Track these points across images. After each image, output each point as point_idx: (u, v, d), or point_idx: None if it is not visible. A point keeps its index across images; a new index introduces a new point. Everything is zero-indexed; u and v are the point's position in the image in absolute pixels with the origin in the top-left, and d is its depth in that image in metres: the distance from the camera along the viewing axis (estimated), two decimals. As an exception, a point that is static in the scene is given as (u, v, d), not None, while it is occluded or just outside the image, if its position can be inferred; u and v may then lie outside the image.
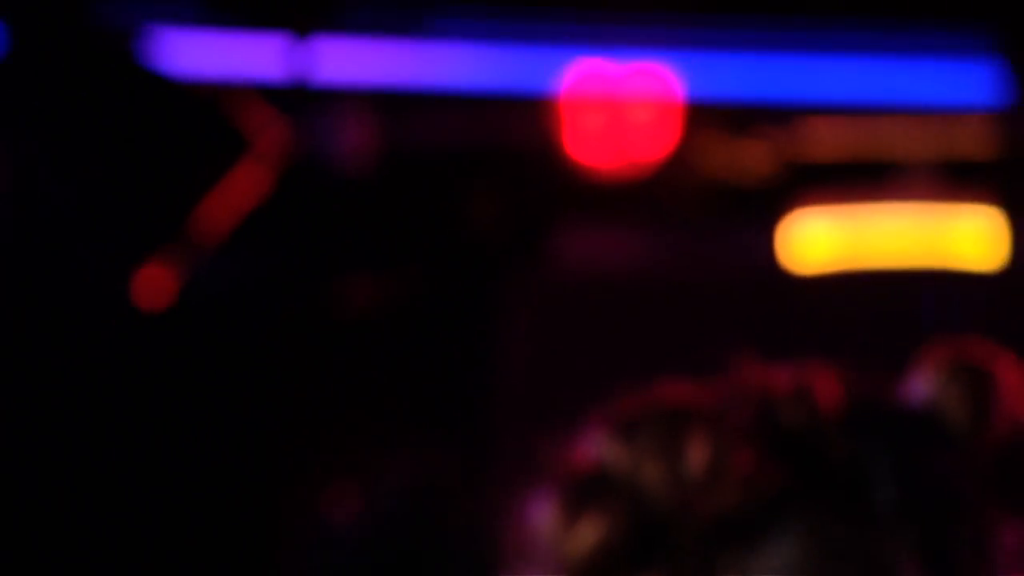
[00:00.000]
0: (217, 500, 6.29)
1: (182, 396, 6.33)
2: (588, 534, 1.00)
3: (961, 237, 5.72)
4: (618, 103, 5.49)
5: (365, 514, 5.59)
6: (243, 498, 6.23)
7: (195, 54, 5.23)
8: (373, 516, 5.61)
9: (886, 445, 1.10)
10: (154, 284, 5.28)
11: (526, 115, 5.74)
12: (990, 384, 1.10)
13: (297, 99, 5.25)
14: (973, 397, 1.09)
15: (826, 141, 5.76)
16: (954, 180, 5.66)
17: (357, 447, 5.94)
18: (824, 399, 1.06)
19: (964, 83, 5.63)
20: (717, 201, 5.73)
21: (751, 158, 5.68)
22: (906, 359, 1.09)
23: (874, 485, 1.06)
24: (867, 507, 1.06)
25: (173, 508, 6.27)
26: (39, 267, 5.82)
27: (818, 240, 5.78)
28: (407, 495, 5.51)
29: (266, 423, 6.31)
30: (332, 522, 5.80)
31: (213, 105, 5.00)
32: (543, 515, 1.00)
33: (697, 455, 1.02)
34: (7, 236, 5.93)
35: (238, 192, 5.00)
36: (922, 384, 1.09)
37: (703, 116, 5.56)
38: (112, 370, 6.26)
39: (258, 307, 6.03)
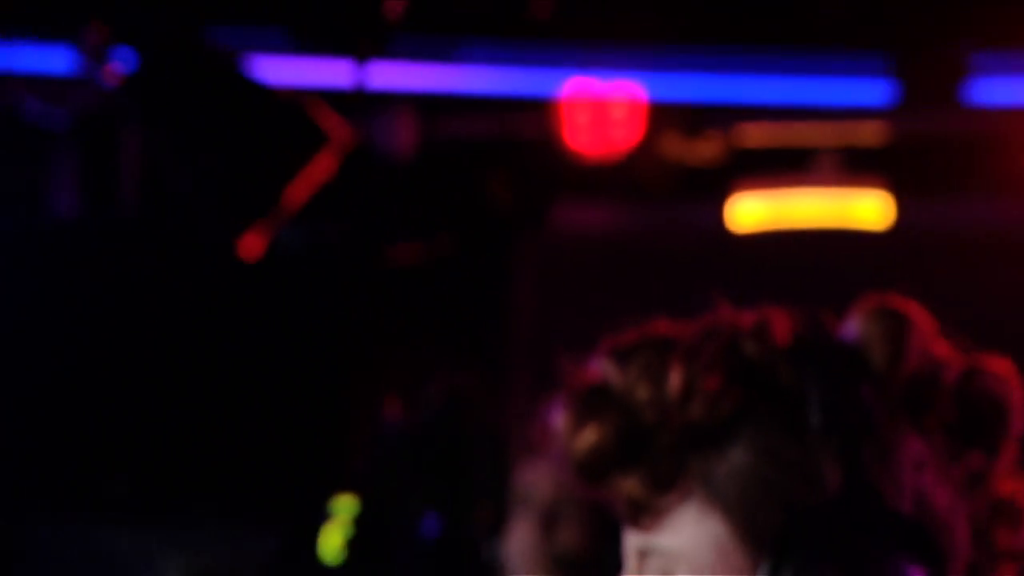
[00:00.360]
0: (303, 411, 6.53)
1: (274, 330, 6.66)
2: (589, 436, 1.33)
3: (859, 206, 5.87)
4: (600, 106, 5.60)
5: (411, 421, 5.61)
6: (322, 410, 6.51)
7: (285, 71, 5.39)
8: (418, 422, 5.69)
9: (820, 374, 1.41)
10: (253, 244, 5.35)
11: (532, 116, 5.81)
12: (906, 326, 1.40)
13: (358, 104, 5.36)
14: (891, 336, 1.40)
15: (758, 135, 5.95)
16: (853, 164, 5.86)
17: (405, 370, 6.13)
18: (777, 336, 1.40)
19: (861, 92, 5.88)
20: (677, 181, 5.87)
21: (702, 148, 5.83)
22: (822, 297, 1.44)
23: (809, 406, 1.37)
24: (803, 423, 1.37)
25: (272, 419, 6.51)
26: (169, 234, 6.21)
27: (753, 209, 5.93)
28: (443, 406, 5.46)
29: (338, 352, 6.62)
30: (387, 427, 5.97)
31: (298, 109, 5.08)
32: (557, 419, 1.36)
33: (676, 378, 1.34)
34: (146, 211, 6.20)
35: (315, 174, 5.08)
36: (851, 325, 1.42)
37: (664, 116, 5.66)
38: (224, 307, 6.60)
39: (329, 262, 6.32)
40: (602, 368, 1.40)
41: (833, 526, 1.38)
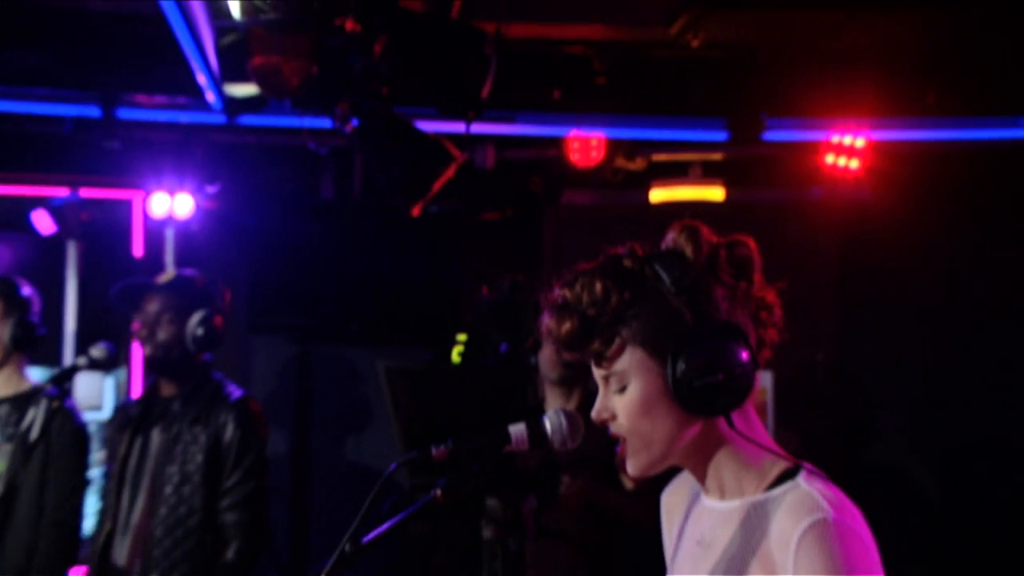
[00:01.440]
0: (443, 294, 6.83)
1: (429, 255, 6.84)
2: (562, 328, 1.86)
3: (709, 190, 6.18)
4: (584, 141, 5.97)
5: (492, 296, 5.86)
6: (451, 293, 6.88)
7: (432, 126, 5.67)
8: (495, 297, 5.83)
9: (666, 266, 1.89)
10: (417, 210, 5.67)
11: (552, 146, 6.13)
12: (696, 231, 1.92)
13: (467, 140, 5.71)
14: (690, 237, 1.92)
15: (663, 157, 6.33)
16: (707, 170, 6.27)
17: (490, 273, 6.16)
18: (645, 252, 1.89)
19: (712, 134, 6.13)
20: (624, 179, 6.28)
21: (635, 164, 6.21)
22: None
23: (663, 283, 1.87)
24: (665, 293, 1.88)
25: (428, 299, 6.75)
26: (376, 207, 6.36)
27: (661, 193, 6.24)
28: (508, 289, 5.83)
29: (458, 265, 6.81)
30: (481, 299, 6.10)
31: (440, 144, 5.45)
32: (547, 320, 1.87)
33: (597, 287, 1.85)
34: (365, 195, 6.47)
35: (446, 175, 5.45)
36: (670, 236, 1.94)
37: (616, 147, 6.09)
38: (403, 242, 6.78)
39: (453, 220, 6.48)
40: (568, 283, 1.92)
41: (693, 338, 1.86)
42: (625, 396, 1.89)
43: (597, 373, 1.93)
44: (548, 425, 1.95)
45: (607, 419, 1.92)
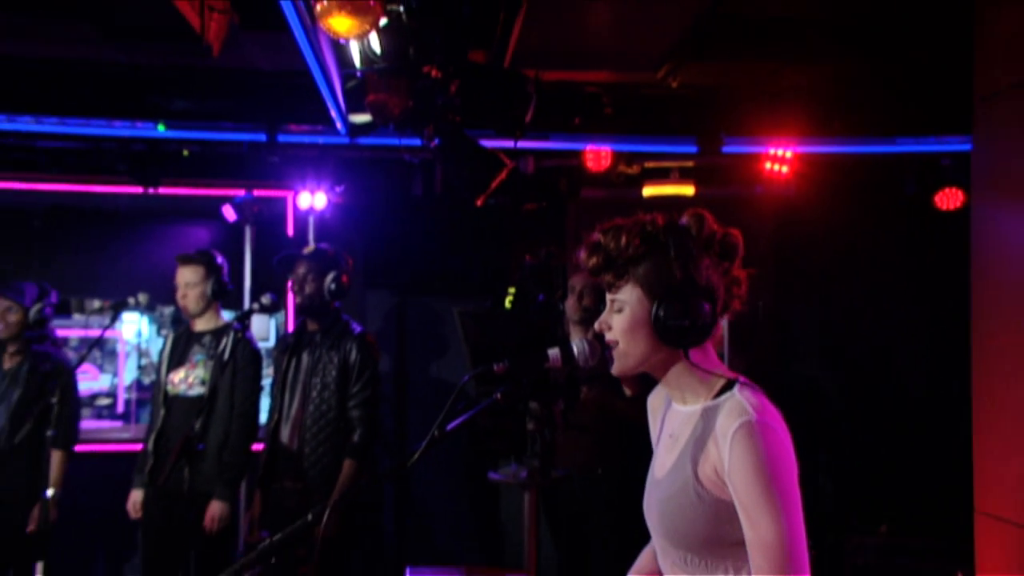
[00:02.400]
0: (497, 262, 6.59)
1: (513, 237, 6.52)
2: (592, 261, 1.92)
3: (684, 187, 5.99)
4: (596, 153, 5.82)
5: (534, 261, 5.32)
6: (504, 262, 6.61)
7: (490, 142, 5.41)
8: (536, 262, 5.31)
9: (673, 235, 1.88)
10: (483, 203, 5.48)
11: (575, 158, 5.96)
12: (702, 217, 1.92)
13: (514, 153, 5.50)
14: (697, 220, 1.91)
15: (652, 164, 6.07)
16: (683, 174, 6.02)
17: (533, 245, 5.49)
18: (659, 222, 1.90)
19: (684, 148, 5.91)
20: (624, 181, 6.08)
21: (632, 169, 6.07)
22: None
23: (669, 247, 1.86)
24: (669, 253, 1.86)
25: (485, 267, 6.55)
26: (452, 201, 6.03)
27: (652, 190, 6.04)
28: (544, 257, 5.29)
29: (513, 241, 6.48)
30: (527, 264, 5.48)
31: (496, 156, 5.29)
32: (580, 256, 1.94)
33: (622, 237, 1.87)
34: (443, 193, 6.07)
35: (500, 178, 5.29)
36: (684, 218, 1.92)
37: (619, 158, 5.92)
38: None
39: (503, 211, 5.98)
40: (597, 235, 1.92)
41: (676, 291, 1.86)
42: (620, 316, 1.92)
43: (607, 296, 1.94)
44: (575, 349, 1.97)
45: (605, 329, 1.94)
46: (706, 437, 1.84)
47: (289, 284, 4.96)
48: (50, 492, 4.52)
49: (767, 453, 1.75)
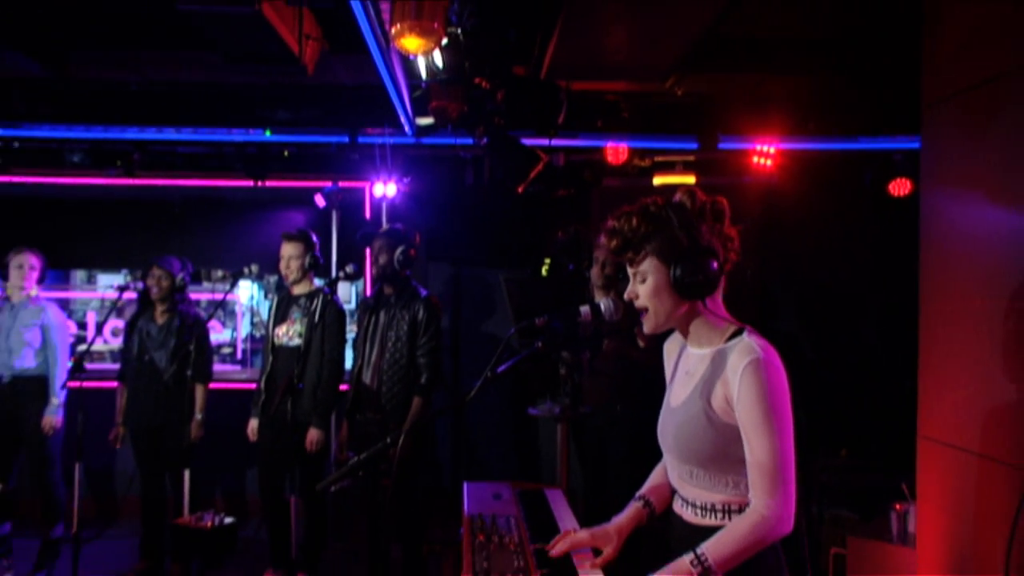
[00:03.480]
0: (530, 237, 6.31)
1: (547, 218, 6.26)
2: (611, 242, 1.88)
3: (686, 178, 5.83)
4: (615, 149, 5.65)
5: (566, 236, 5.43)
6: (540, 239, 6.25)
7: (529, 141, 5.42)
8: (567, 237, 5.46)
9: (677, 212, 1.85)
10: (524, 190, 5.64)
11: (598, 153, 5.79)
12: (695, 192, 1.88)
13: (548, 150, 5.45)
14: (690, 195, 1.87)
15: (660, 159, 5.95)
16: (686, 167, 5.91)
17: (565, 226, 5.59)
18: (661, 202, 1.87)
19: (686, 144, 5.82)
20: (638, 172, 5.90)
21: (644, 162, 5.89)
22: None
23: (672, 222, 1.83)
24: (674, 228, 1.83)
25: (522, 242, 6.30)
26: (498, 190, 5.78)
27: (660, 180, 5.93)
28: (574, 234, 5.38)
29: (550, 225, 6.05)
30: (559, 239, 5.62)
31: (533, 152, 5.31)
32: (601, 239, 1.90)
33: (634, 219, 1.85)
34: (490, 181, 5.81)
35: (536, 170, 5.39)
36: (679, 196, 1.87)
37: (634, 153, 5.77)
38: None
39: (537, 196, 5.89)
40: (611, 222, 1.89)
41: (686, 255, 1.81)
42: (645, 285, 1.90)
43: (629, 270, 1.92)
44: (603, 306, 2.00)
45: (634, 298, 1.92)
46: (719, 372, 1.82)
47: (367, 255, 5.04)
48: (197, 416, 4.76)
49: (769, 385, 1.75)
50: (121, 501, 6.03)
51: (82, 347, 4.57)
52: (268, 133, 5.69)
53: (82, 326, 7.37)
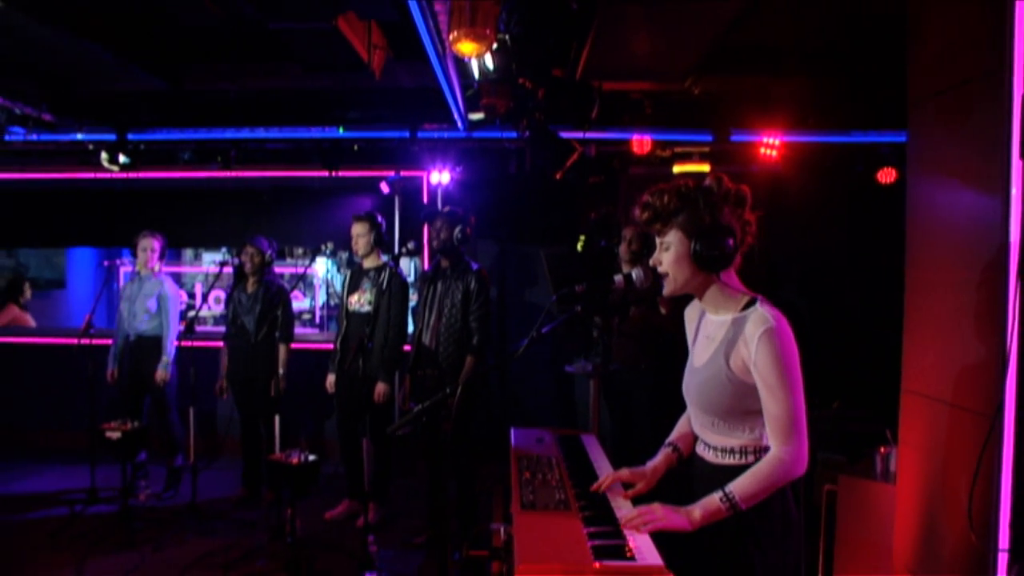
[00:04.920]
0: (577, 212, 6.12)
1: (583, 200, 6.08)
2: (642, 216, 1.85)
3: (702, 166, 5.66)
4: (640, 140, 5.49)
5: (600, 214, 5.43)
6: (575, 215, 6.11)
7: (566, 134, 5.26)
8: (600, 215, 5.44)
9: (703, 193, 1.79)
10: (571, 175, 5.43)
11: (625, 144, 5.63)
12: (719, 177, 1.82)
13: (581, 142, 5.27)
14: (717, 180, 1.82)
15: (680, 150, 5.76)
16: (702, 156, 5.69)
17: (600, 207, 5.73)
18: (692, 184, 1.82)
19: (703, 138, 5.64)
20: (659, 161, 5.69)
21: (666, 152, 5.72)
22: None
23: (699, 202, 1.79)
24: (700, 208, 1.79)
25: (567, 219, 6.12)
26: (540, 176, 5.51)
27: (680, 168, 5.62)
28: (605, 213, 5.38)
29: (583, 208, 6.03)
30: (593, 218, 5.63)
31: (568, 143, 5.14)
32: (634, 212, 1.85)
33: (666, 196, 1.81)
34: (532, 171, 5.60)
35: (571, 159, 5.21)
36: (707, 180, 1.81)
37: (657, 144, 5.60)
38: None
39: (571, 181, 5.56)
40: (646, 197, 1.85)
41: (707, 232, 1.78)
42: (668, 253, 1.86)
43: (657, 240, 1.88)
44: (634, 275, 1.95)
45: (657, 264, 1.88)
46: (736, 338, 1.79)
47: (426, 232, 5.03)
48: (280, 371, 4.85)
49: (782, 350, 1.73)
50: (224, 440, 6.20)
51: (191, 313, 4.77)
52: (341, 130, 5.68)
53: (191, 295, 7.65)
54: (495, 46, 3.52)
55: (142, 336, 5.08)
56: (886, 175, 5.57)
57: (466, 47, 3.26)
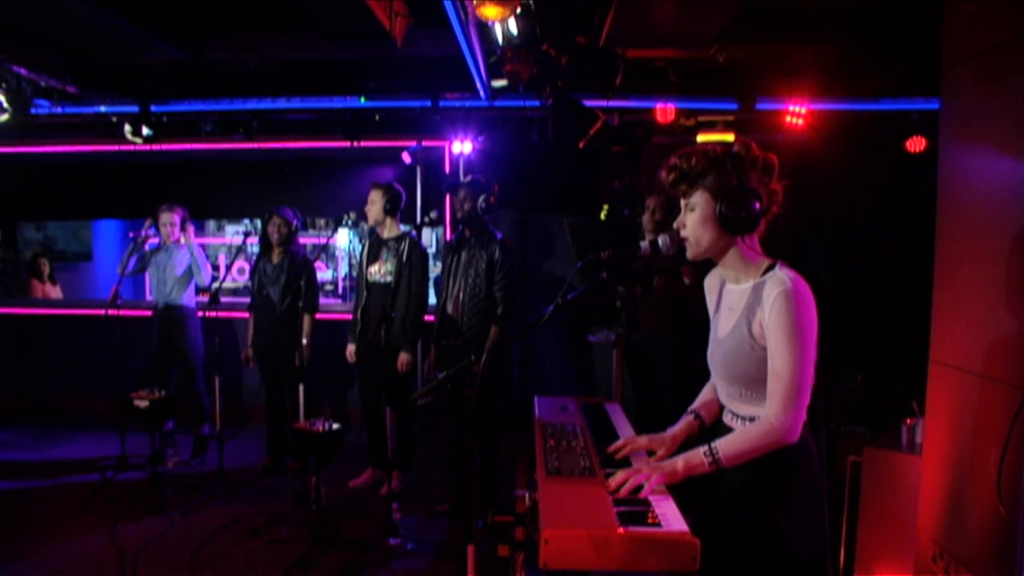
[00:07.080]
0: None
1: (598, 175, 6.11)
2: (668, 177, 1.82)
3: (727, 135, 5.51)
4: (664, 109, 5.44)
5: (622, 184, 5.51)
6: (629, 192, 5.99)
7: (591, 103, 5.32)
8: (622, 185, 5.53)
9: (731, 157, 1.78)
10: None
11: (648, 113, 5.54)
12: (746, 144, 1.79)
13: (606, 111, 5.36)
14: (744, 145, 1.80)
15: (703, 119, 5.68)
16: (726, 125, 5.64)
17: (623, 177, 5.82)
18: (721, 150, 1.79)
19: (727, 106, 5.61)
20: (683, 130, 5.64)
21: (690, 121, 5.66)
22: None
23: (727, 165, 1.78)
24: (728, 170, 1.77)
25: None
26: (563, 145, 5.64)
27: (704, 137, 5.61)
28: (629, 183, 5.48)
29: (605, 179, 6.03)
30: (616, 188, 5.74)
31: (592, 112, 5.23)
32: (660, 175, 1.82)
33: (693, 158, 1.80)
34: (555, 138, 5.69)
35: (595, 127, 5.27)
36: (734, 145, 1.81)
37: (681, 113, 5.55)
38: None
39: (596, 150, 5.68)
40: (673, 159, 1.83)
41: (733, 195, 1.77)
42: (693, 215, 1.85)
43: (682, 202, 1.86)
44: (660, 241, 1.91)
45: (681, 227, 1.87)
46: (756, 304, 1.79)
47: (448, 203, 4.99)
48: (304, 341, 4.82)
49: (796, 311, 1.70)
50: (250, 409, 6.28)
51: (216, 284, 4.74)
52: (362, 100, 5.67)
53: (215, 267, 7.71)
54: (519, 10, 3.48)
55: (170, 306, 5.19)
56: (915, 144, 5.48)
57: (490, 11, 3.26)
